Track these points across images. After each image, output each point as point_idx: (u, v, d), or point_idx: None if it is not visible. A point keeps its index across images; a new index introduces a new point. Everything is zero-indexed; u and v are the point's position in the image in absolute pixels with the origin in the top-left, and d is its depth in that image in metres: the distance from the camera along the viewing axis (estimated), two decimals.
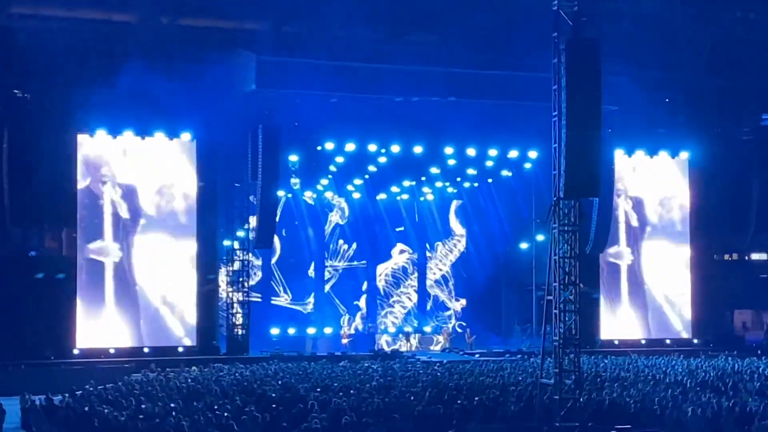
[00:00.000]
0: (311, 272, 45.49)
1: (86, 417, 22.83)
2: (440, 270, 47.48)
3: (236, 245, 39.86)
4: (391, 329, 45.60)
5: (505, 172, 44.24)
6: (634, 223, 43.35)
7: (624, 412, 24.69)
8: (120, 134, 37.19)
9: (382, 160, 41.66)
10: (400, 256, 47.13)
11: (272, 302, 44.14)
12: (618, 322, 42.66)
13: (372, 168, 42.63)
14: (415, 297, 47.20)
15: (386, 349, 43.57)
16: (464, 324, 46.16)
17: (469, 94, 38.21)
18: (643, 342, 42.35)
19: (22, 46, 35.69)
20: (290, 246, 44.83)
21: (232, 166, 39.21)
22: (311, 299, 45.21)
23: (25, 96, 37.18)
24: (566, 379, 24.06)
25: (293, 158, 40.76)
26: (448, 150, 41.52)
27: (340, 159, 41.29)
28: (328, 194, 45.01)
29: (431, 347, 44.79)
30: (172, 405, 24.06)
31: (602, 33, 25.53)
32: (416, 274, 47.58)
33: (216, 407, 23.68)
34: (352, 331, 44.60)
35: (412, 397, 25.30)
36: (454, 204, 47.51)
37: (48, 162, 36.38)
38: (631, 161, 43.12)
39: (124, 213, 37.49)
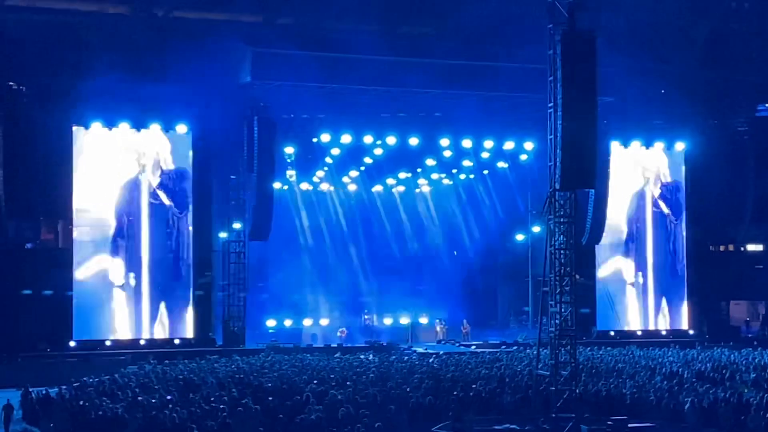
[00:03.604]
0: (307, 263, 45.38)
1: (84, 409, 22.86)
2: None
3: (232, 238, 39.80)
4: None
5: (501, 164, 44.19)
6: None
7: (620, 403, 24.78)
8: (115, 126, 37.09)
9: (378, 152, 41.64)
10: None
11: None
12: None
13: (368, 160, 42.57)
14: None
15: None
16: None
17: (465, 85, 38.18)
18: (639, 333, 42.31)
19: (17, 38, 35.63)
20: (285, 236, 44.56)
21: (228, 158, 39.10)
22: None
23: (21, 88, 37.07)
24: (562, 370, 24.09)
25: (289, 150, 40.67)
26: (444, 142, 41.60)
27: (336, 151, 41.26)
28: (324, 186, 44.86)
29: (428, 338, 44.67)
30: (169, 397, 24.10)
31: (597, 24, 25.45)
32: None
33: (212, 399, 23.72)
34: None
35: (408, 389, 25.34)
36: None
37: (44, 154, 36.33)
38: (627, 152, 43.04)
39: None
